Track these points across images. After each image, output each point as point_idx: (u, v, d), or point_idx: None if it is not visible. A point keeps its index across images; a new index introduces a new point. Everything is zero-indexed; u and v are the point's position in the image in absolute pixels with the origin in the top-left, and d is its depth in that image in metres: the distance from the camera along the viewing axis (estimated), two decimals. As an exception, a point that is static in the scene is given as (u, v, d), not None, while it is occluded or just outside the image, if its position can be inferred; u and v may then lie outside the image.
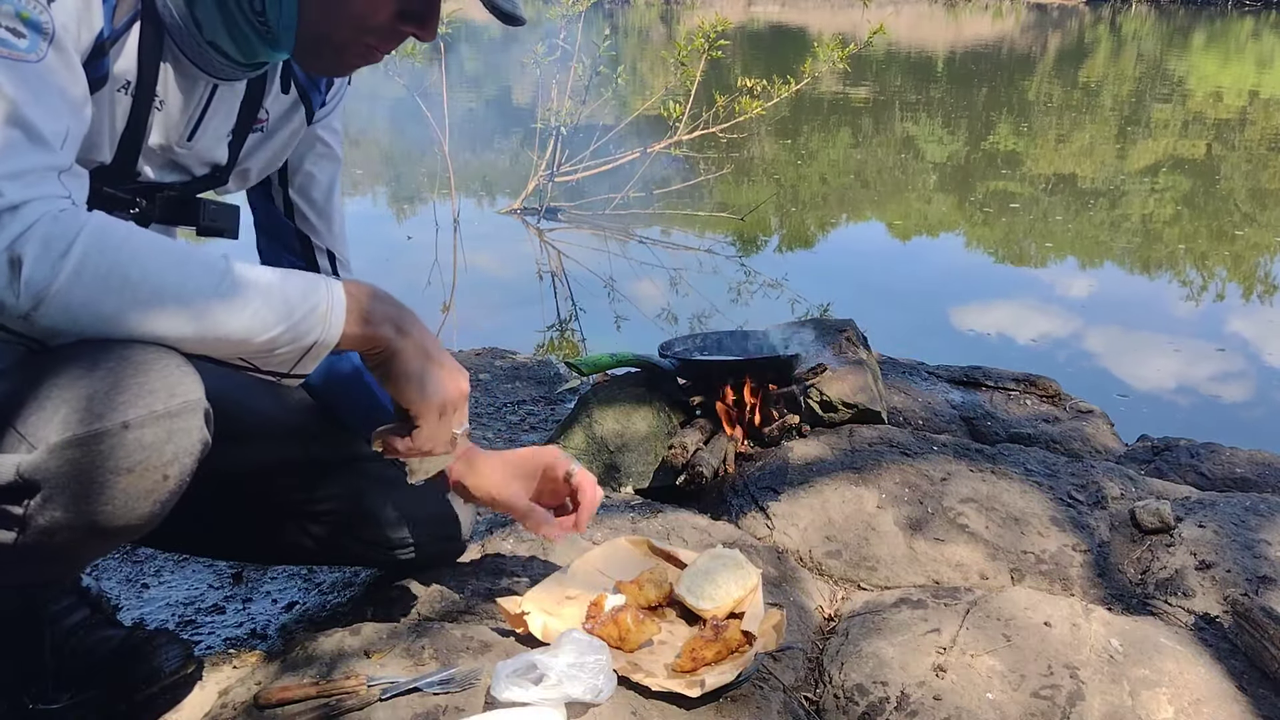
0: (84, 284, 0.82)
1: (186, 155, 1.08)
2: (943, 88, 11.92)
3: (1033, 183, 6.62)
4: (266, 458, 1.24)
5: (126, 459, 0.86)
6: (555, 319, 4.03)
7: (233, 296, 0.89)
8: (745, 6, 26.25)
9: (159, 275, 0.86)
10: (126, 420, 0.85)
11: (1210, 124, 9.01)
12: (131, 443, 0.86)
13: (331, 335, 0.95)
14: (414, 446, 1.06)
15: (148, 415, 0.87)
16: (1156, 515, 1.64)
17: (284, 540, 1.33)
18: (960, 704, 1.17)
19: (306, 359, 0.95)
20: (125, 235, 0.85)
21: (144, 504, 0.89)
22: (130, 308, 0.85)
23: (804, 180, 6.70)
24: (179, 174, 1.10)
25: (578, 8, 5.24)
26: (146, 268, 0.85)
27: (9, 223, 0.78)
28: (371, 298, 0.98)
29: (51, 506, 0.86)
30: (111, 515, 0.88)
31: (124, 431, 0.85)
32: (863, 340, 2.35)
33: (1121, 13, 26.98)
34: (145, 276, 0.85)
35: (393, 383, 1.01)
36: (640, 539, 1.42)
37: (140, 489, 0.88)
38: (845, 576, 1.56)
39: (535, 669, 1.06)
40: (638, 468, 1.82)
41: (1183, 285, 4.71)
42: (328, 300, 0.94)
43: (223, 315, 0.89)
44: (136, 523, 0.90)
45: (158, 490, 0.89)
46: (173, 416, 0.88)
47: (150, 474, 0.88)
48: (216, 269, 0.89)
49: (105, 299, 0.83)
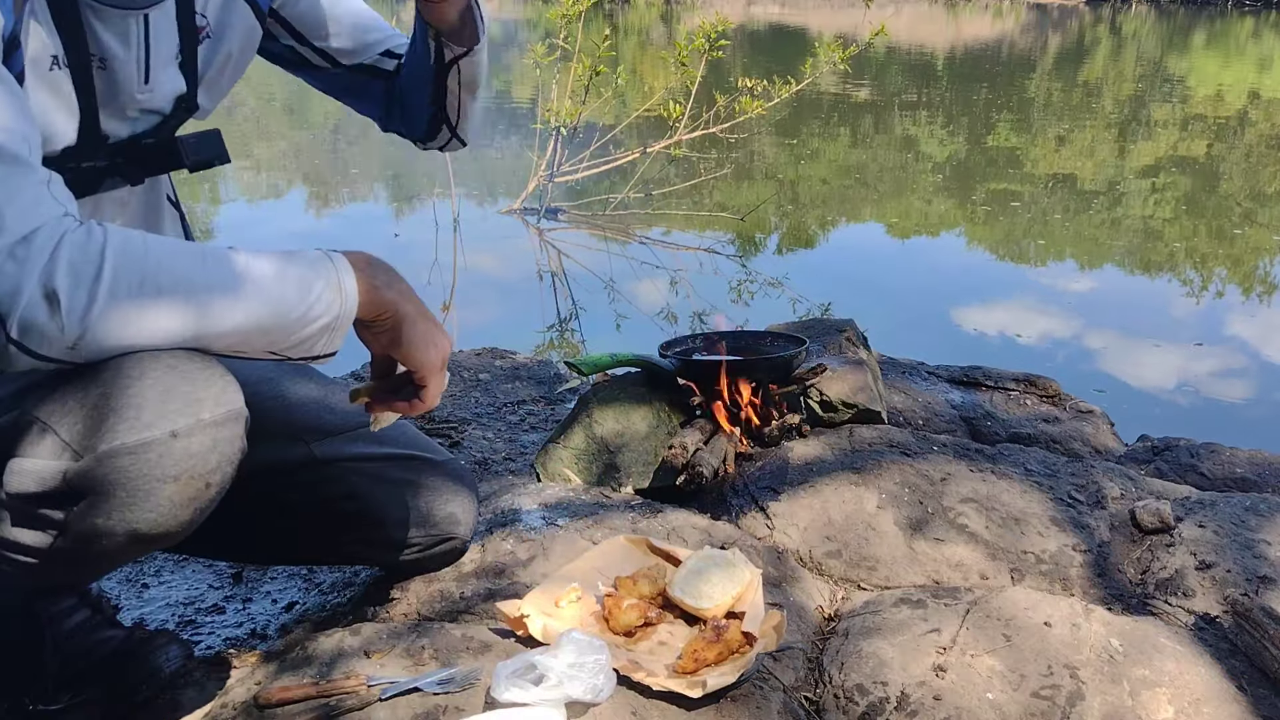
0: (121, 302, 0.82)
1: (150, 98, 1.05)
2: (943, 88, 11.92)
3: (1033, 182, 6.62)
4: (269, 457, 1.24)
5: (174, 467, 0.87)
6: (555, 319, 4.03)
7: (254, 285, 0.89)
8: (745, 6, 26.25)
9: (187, 278, 0.86)
10: (175, 430, 0.86)
11: (1210, 124, 9.01)
12: (179, 451, 0.87)
13: (350, 305, 0.95)
14: (424, 405, 1.06)
15: (195, 424, 0.87)
16: (1156, 515, 1.64)
17: (285, 540, 1.33)
18: (960, 704, 1.17)
19: (333, 335, 0.95)
20: (145, 244, 0.85)
21: (185, 511, 0.90)
22: (168, 315, 0.85)
23: (804, 180, 6.71)
24: (149, 119, 1.07)
25: (577, 8, 5.24)
26: (175, 272, 0.86)
27: (26, 256, 0.78)
28: (370, 264, 0.99)
29: (94, 512, 0.87)
30: (154, 522, 0.88)
31: (172, 440, 0.86)
32: (863, 340, 2.35)
33: (1121, 13, 26.98)
34: (176, 282, 0.85)
35: (403, 347, 1.01)
36: (639, 538, 1.42)
37: (184, 497, 0.89)
38: (845, 576, 1.56)
39: (535, 669, 1.06)
40: (638, 468, 1.82)
41: (1183, 284, 4.72)
42: (336, 272, 0.94)
43: (252, 304, 0.89)
44: (176, 529, 0.91)
45: (200, 498, 0.90)
46: (218, 425, 0.89)
47: (195, 482, 0.89)
48: (231, 261, 0.89)
49: (144, 312, 0.84)
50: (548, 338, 3.79)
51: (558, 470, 1.84)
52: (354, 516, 1.29)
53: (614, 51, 5.56)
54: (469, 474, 1.43)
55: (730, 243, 5.09)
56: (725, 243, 5.08)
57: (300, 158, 7.29)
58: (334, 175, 6.72)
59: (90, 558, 0.93)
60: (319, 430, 1.28)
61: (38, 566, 0.92)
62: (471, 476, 1.44)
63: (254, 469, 1.22)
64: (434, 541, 1.35)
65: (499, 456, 2.08)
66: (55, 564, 0.92)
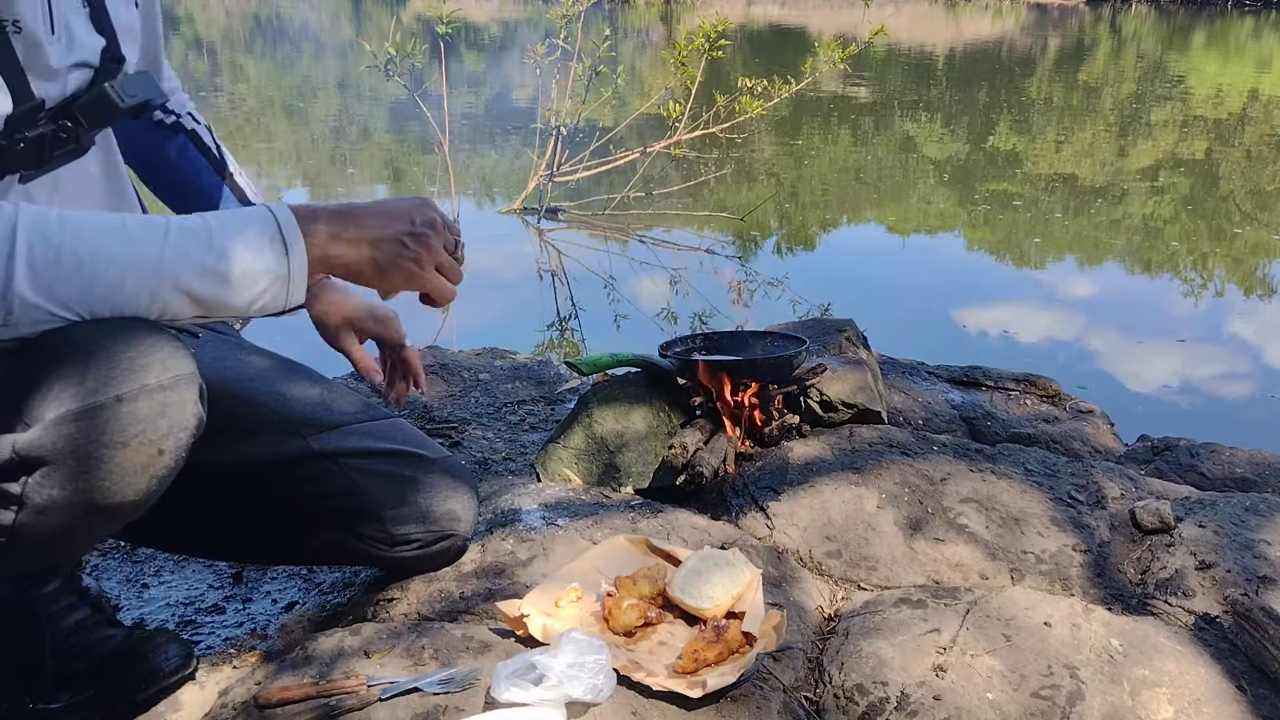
0: (41, 276, 0.83)
1: (67, 51, 1.02)
2: (943, 87, 11.92)
3: (1033, 182, 6.62)
4: (265, 452, 1.24)
5: (121, 433, 0.87)
6: (555, 319, 4.03)
7: (183, 246, 0.89)
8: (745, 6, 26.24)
9: (106, 248, 0.87)
10: (120, 394, 0.87)
11: (1210, 124, 9.01)
12: (126, 416, 0.87)
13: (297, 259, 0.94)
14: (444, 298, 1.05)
15: (140, 389, 0.87)
16: (1156, 515, 1.64)
17: (283, 537, 1.33)
18: (960, 704, 1.17)
19: (293, 288, 0.95)
20: (59, 218, 0.86)
21: (140, 479, 0.90)
22: (92, 285, 0.86)
23: (804, 180, 6.71)
24: (80, 75, 1.05)
25: (577, 8, 5.24)
26: (93, 242, 0.86)
27: None
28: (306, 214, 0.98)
29: (49, 483, 0.87)
30: (108, 491, 0.89)
31: (117, 405, 0.86)
32: (863, 340, 2.35)
33: (1121, 13, 26.97)
34: (95, 252, 0.86)
35: (378, 287, 1.02)
36: (639, 538, 1.42)
37: (136, 463, 0.89)
38: (845, 576, 1.56)
39: (535, 669, 1.06)
40: (638, 468, 1.82)
41: (1183, 284, 4.72)
42: (276, 219, 0.94)
43: (182, 266, 0.89)
44: (134, 498, 0.90)
45: (153, 465, 0.90)
46: (165, 390, 0.89)
47: (146, 448, 0.89)
48: (157, 225, 0.90)
49: (66, 284, 0.84)
50: (548, 338, 3.79)
51: (558, 470, 1.84)
52: (352, 512, 1.29)
53: (614, 52, 5.56)
54: (468, 473, 1.43)
55: (730, 243, 5.09)
56: (725, 243, 5.08)
57: (300, 158, 7.29)
58: (333, 175, 6.72)
59: (53, 536, 0.93)
60: (316, 425, 1.27)
61: (7, 547, 0.92)
62: (471, 475, 1.44)
63: (251, 464, 1.22)
64: (434, 538, 1.35)
65: (499, 456, 2.08)
66: (24, 543, 0.92)
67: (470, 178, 6.46)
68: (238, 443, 1.18)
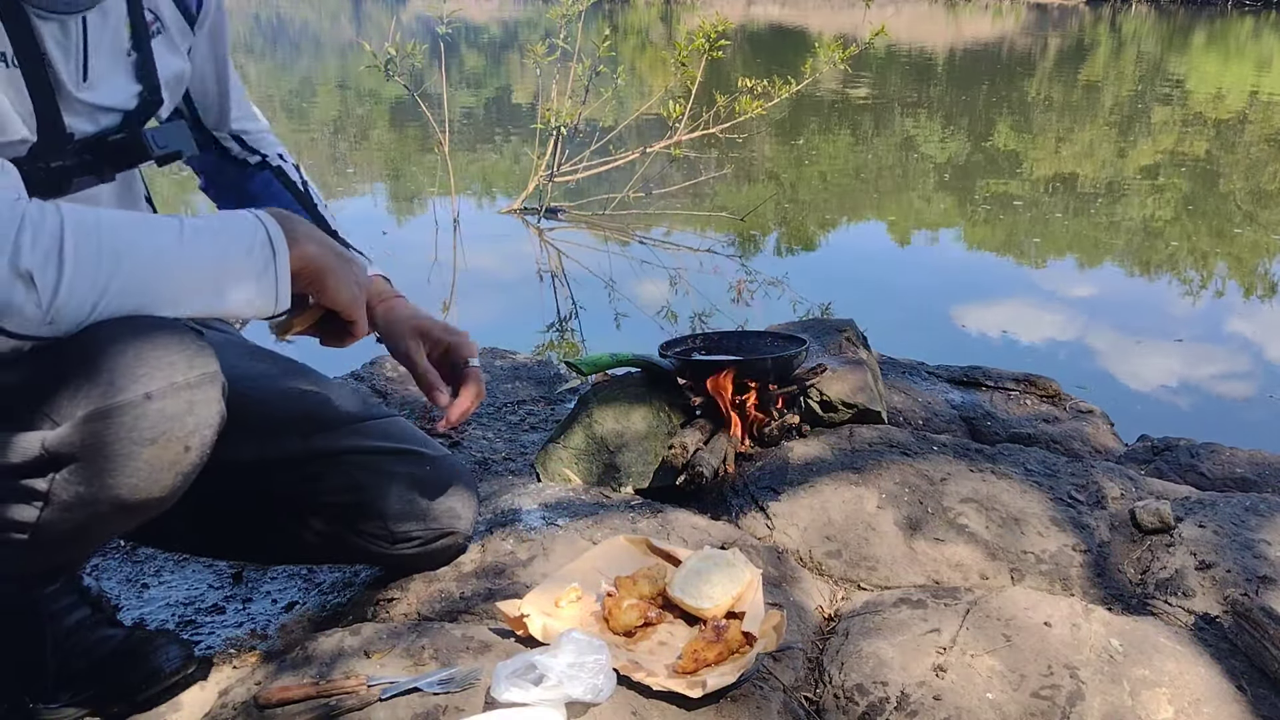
0: (85, 272, 0.85)
1: (95, 95, 1.05)
2: (943, 87, 11.92)
3: (1033, 182, 6.62)
4: (267, 450, 1.24)
5: (150, 430, 0.88)
6: (555, 319, 4.03)
7: (195, 244, 0.92)
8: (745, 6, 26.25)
9: (134, 244, 0.88)
10: (149, 391, 0.87)
11: (1210, 124, 9.01)
12: (154, 413, 0.88)
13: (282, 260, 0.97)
14: (355, 338, 1.10)
15: (168, 386, 0.89)
16: (1156, 515, 1.64)
17: (284, 536, 1.33)
18: (960, 704, 1.17)
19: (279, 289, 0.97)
20: (96, 215, 0.88)
21: (166, 476, 0.91)
22: (128, 280, 0.87)
23: (804, 180, 6.70)
24: (113, 116, 1.08)
25: (577, 8, 5.24)
26: (126, 238, 0.88)
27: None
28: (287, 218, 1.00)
29: (76, 480, 0.88)
30: (135, 488, 0.89)
31: (146, 403, 0.87)
32: (863, 340, 2.35)
33: (1121, 13, 26.98)
34: (129, 247, 0.88)
35: (329, 293, 1.03)
36: (639, 538, 1.42)
37: (164, 460, 0.90)
38: (845, 576, 1.56)
39: (535, 669, 1.06)
40: (637, 468, 1.82)
41: (1183, 284, 4.72)
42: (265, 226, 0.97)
43: (196, 263, 0.92)
44: (159, 495, 0.91)
45: (180, 462, 0.91)
46: (192, 388, 0.90)
47: (173, 445, 0.90)
48: (170, 224, 0.92)
49: (107, 280, 0.86)
50: (548, 338, 3.79)
51: (558, 470, 1.84)
52: (353, 509, 1.29)
53: (614, 52, 5.56)
54: (468, 472, 1.43)
55: (730, 243, 5.09)
56: (725, 243, 5.08)
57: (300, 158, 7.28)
58: (332, 175, 6.72)
59: (79, 530, 0.93)
60: (317, 423, 1.28)
61: (28, 544, 0.93)
62: (471, 474, 1.44)
63: (252, 463, 1.22)
64: (434, 535, 1.35)
65: (499, 456, 2.08)
66: (46, 539, 0.93)
67: (470, 178, 6.46)
68: (241, 441, 1.19)
